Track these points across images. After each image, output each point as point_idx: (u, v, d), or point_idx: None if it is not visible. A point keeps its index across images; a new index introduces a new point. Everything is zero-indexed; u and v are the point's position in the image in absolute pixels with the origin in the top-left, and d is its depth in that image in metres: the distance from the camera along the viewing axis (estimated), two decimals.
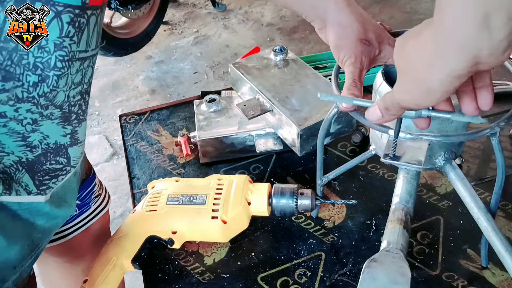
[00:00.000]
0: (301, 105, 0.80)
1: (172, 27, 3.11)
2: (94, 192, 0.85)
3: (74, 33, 0.49)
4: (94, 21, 0.51)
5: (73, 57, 0.51)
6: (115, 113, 2.43)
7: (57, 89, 0.51)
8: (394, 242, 0.57)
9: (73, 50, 0.50)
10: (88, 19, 0.50)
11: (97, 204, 0.87)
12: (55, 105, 0.53)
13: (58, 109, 0.53)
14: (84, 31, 0.50)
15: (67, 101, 0.53)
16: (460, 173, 0.60)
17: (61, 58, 0.50)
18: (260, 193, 0.69)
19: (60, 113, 0.54)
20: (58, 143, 0.56)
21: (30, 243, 0.58)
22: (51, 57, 0.49)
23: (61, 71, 0.50)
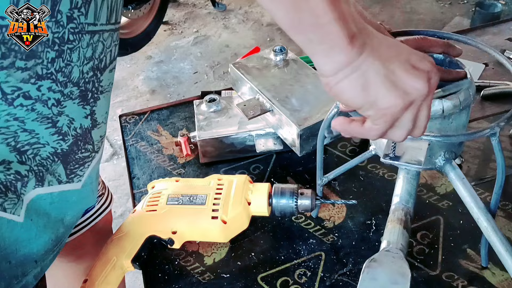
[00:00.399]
0: (301, 105, 0.80)
1: (172, 27, 3.12)
2: (98, 191, 0.86)
3: (81, 4, 0.49)
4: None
5: (82, 30, 0.51)
6: (115, 113, 2.43)
7: (71, 63, 0.52)
8: (394, 242, 0.57)
9: (81, 22, 0.50)
10: None
11: (100, 203, 0.87)
12: (72, 82, 0.53)
13: (76, 87, 0.54)
14: (91, 2, 0.50)
15: (82, 77, 0.54)
16: (460, 173, 0.60)
17: (72, 30, 0.50)
18: (260, 193, 0.69)
19: (78, 91, 0.54)
20: (83, 127, 0.57)
21: (54, 238, 0.58)
22: (65, 31, 0.49)
23: (73, 44, 0.51)
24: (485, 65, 1.04)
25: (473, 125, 0.88)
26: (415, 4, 3.15)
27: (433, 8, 3.14)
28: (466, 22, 2.91)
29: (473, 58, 1.05)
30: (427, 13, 3.08)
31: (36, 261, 0.56)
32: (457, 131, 0.58)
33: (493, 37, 1.14)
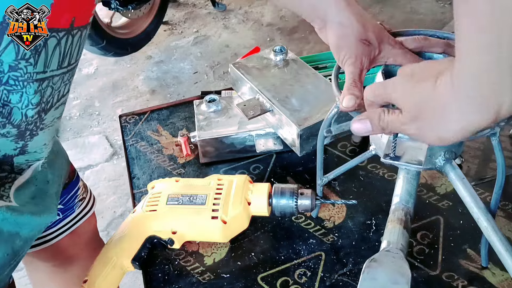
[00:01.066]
0: (301, 105, 0.80)
1: (172, 27, 3.11)
2: (78, 196, 0.86)
3: (30, 55, 0.49)
4: (55, 43, 0.51)
5: (30, 78, 0.51)
6: (115, 113, 2.43)
7: (9, 104, 0.52)
8: (394, 242, 0.57)
9: (29, 72, 0.51)
10: (45, 42, 0.50)
11: (81, 207, 0.87)
12: (12, 124, 0.53)
13: (16, 129, 0.54)
14: (42, 53, 0.50)
15: (25, 120, 0.54)
16: (460, 173, 0.60)
17: (15, 77, 0.50)
18: (260, 193, 0.69)
19: (16, 132, 0.55)
20: (6, 155, 0.57)
21: (10, 252, 0.57)
22: (4, 76, 0.50)
23: (12, 87, 0.51)
24: None
25: None
26: (415, 4, 3.15)
27: (433, 8, 3.14)
28: None
29: None
30: (427, 13, 3.07)
31: None
32: None
33: None
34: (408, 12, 3.06)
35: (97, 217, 2.01)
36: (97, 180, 2.10)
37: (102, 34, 2.36)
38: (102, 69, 2.79)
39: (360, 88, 0.56)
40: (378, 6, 3.12)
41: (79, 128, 2.40)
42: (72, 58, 0.56)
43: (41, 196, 0.64)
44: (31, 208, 0.60)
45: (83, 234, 0.89)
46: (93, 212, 0.91)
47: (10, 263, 0.59)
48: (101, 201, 1.99)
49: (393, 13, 3.06)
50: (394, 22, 2.93)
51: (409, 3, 3.15)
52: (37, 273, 0.96)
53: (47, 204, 0.64)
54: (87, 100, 2.57)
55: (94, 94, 2.61)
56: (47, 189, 0.66)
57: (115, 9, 2.42)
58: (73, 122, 2.44)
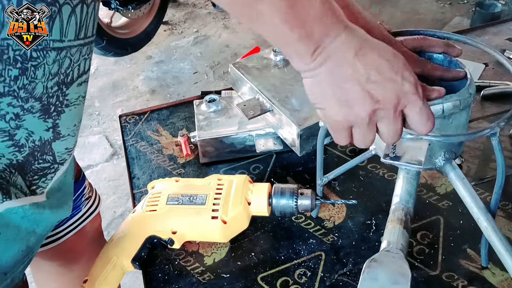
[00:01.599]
0: (301, 105, 0.80)
1: (172, 27, 3.11)
2: (85, 195, 0.86)
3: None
4: (69, 10, 0.51)
5: (47, 46, 0.50)
6: (115, 113, 2.43)
7: (36, 80, 0.51)
8: (394, 242, 0.57)
9: (45, 39, 0.50)
10: (59, 8, 0.49)
11: (87, 206, 0.87)
12: (34, 97, 0.52)
13: (38, 102, 0.53)
14: (56, 20, 0.50)
15: (45, 92, 0.53)
16: (460, 173, 0.60)
17: (35, 47, 0.49)
18: (260, 193, 0.69)
19: (39, 105, 0.53)
20: (42, 139, 0.56)
21: (24, 248, 0.57)
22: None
23: (37, 61, 0.50)
24: (485, 65, 1.04)
25: (473, 125, 0.88)
26: (415, 4, 3.15)
27: (433, 8, 3.14)
28: (466, 22, 2.91)
29: (473, 58, 1.05)
30: (427, 13, 3.08)
31: (6, 273, 0.56)
32: (457, 131, 0.58)
33: (493, 37, 1.14)
34: (408, 12, 3.06)
35: None
36: (97, 180, 2.10)
37: (102, 34, 2.36)
38: (102, 69, 2.79)
39: None
40: (378, 6, 3.12)
41: None
42: (88, 31, 0.55)
43: (64, 188, 0.63)
44: (53, 202, 0.60)
45: (88, 233, 0.89)
46: (98, 212, 0.91)
47: (24, 260, 0.59)
48: (101, 201, 1.99)
49: (393, 13, 3.06)
50: (394, 22, 2.93)
51: (409, 3, 3.15)
52: (41, 272, 0.95)
53: (66, 199, 0.64)
54: (87, 100, 2.55)
55: (94, 94, 2.61)
56: (70, 182, 0.65)
57: (115, 9, 2.42)
58: None
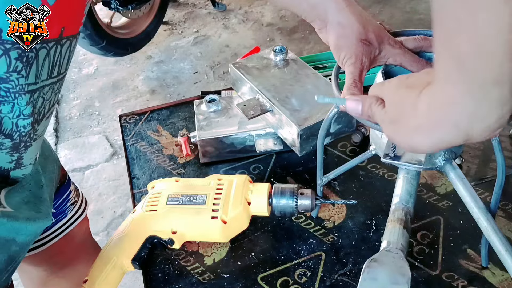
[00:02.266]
0: (301, 105, 0.80)
1: (172, 27, 3.11)
2: (70, 200, 0.85)
3: (22, 67, 0.49)
4: (45, 53, 0.51)
5: (21, 90, 0.51)
6: (115, 113, 2.43)
7: (1, 114, 0.52)
8: (394, 242, 0.57)
9: (20, 84, 0.50)
10: (36, 53, 0.50)
11: (73, 211, 0.87)
12: (4, 133, 0.53)
13: (9, 139, 0.54)
14: (33, 65, 0.50)
15: (16, 130, 0.54)
16: (460, 173, 0.60)
17: (6, 89, 0.50)
18: (260, 193, 0.69)
19: (10, 143, 0.54)
20: (2, 168, 0.57)
21: (6, 258, 0.57)
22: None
23: (3, 98, 0.51)
24: None
25: None
26: (415, 4, 3.15)
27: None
28: None
29: None
30: (427, 13, 3.06)
31: None
32: None
33: None
34: (408, 12, 3.06)
35: (97, 217, 2.01)
36: (97, 180, 2.10)
37: (102, 34, 2.36)
38: (102, 69, 2.79)
39: (360, 88, 0.56)
40: (378, 6, 3.12)
41: (79, 128, 2.40)
42: (62, 68, 0.56)
43: (35, 201, 0.63)
44: (26, 213, 0.60)
45: (76, 238, 0.89)
46: (85, 215, 0.91)
47: (8, 269, 0.59)
48: (101, 201, 1.99)
49: (393, 13, 3.06)
50: (394, 22, 2.93)
51: (409, 3, 3.15)
52: (28, 278, 0.95)
53: (42, 209, 0.64)
54: (87, 100, 2.57)
55: (94, 94, 2.61)
56: (41, 194, 0.65)
57: (115, 9, 2.42)
58: (73, 122, 2.44)
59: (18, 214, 0.58)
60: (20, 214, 0.59)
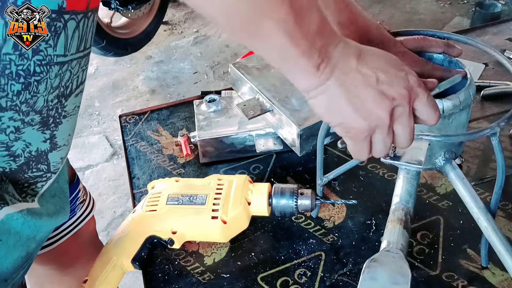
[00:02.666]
0: (301, 105, 0.80)
1: (172, 27, 3.11)
2: (79, 198, 0.85)
3: (50, 36, 0.49)
4: (74, 25, 0.51)
5: (50, 61, 0.51)
6: (115, 113, 2.43)
7: (38, 95, 0.52)
8: (394, 242, 0.57)
9: (49, 54, 0.50)
10: (65, 24, 0.50)
11: (82, 209, 0.87)
12: (35, 110, 0.53)
13: (38, 115, 0.53)
14: (61, 35, 0.50)
15: (46, 105, 0.54)
16: (460, 173, 0.60)
17: (39, 62, 0.50)
18: (260, 193, 0.69)
19: (39, 118, 0.54)
20: (39, 150, 0.57)
21: (24, 255, 0.57)
22: (30, 63, 0.49)
23: (40, 76, 0.50)
24: (485, 65, 1.04)
25: (473, 125, 0.88)
26: (415, 4, 3.15)
27: (433, 8, 3.14)
28: (466, 22, 2.91)
29: (473, 58, 1.05)
30: (427, 13, 3.07)
31: (6, 279, 0.56)
32: (457, 131, 0.58)
33: (493, 37, 1.14)
34: (408, 12, 3.06)
35: (97, 217, 2.01)
36: (97, 180, 2.10)
37: (102, 34, 2.37)
38: (102, 69, 2.79)
39: None
40: (378, 6, 3.12)
41: (79, 128, 2.40)
42: (88, 42, 0.55)
43: (60, 194, 0.63)
44: (49, 208, 0.60)
45: (83, 236, 0.89)
46: (93, 215, 0.91)
47: (23, 266, 0.59)
48: (101, 201, 1.99)
49: (393, 13, 3.06)
50: (394, 22, 2.93)
51: (409, 3, 3.15)
52: (36, 277, 0.95)
53: (63, 204, 0.64)
54: (87, 100, 2.57)
55: (94, 94, 2.61)
56: (66, 189, 0.65)
57: (115, 9, 2.42)
58: None
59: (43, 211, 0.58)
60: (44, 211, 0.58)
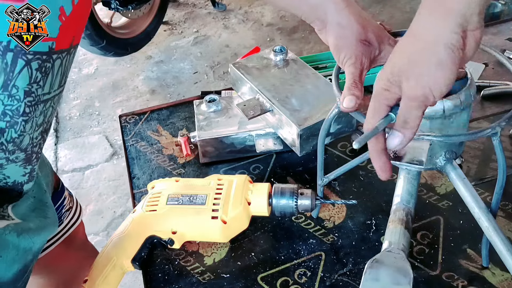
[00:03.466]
0: (301, 105, 0.80)
1: (172, 27, 3.11)
2: (65, 206, 0.85)
3: (40, 78, 0.50)
4: (59, 63, 0.52)
5: (38, 101, 0.51)
6: (115, 113, 2.43)
7: (24, 134, 0.52)
8: (396, 243, 0.57)
9: (38, 94, 0.51)
10: (53, 63, 0.51)
11: (69, 217, 0.86)
12: (21, 149, 0.53)
13: (23, 152, 0.54)
14: (49, 75, 0.51)
15: (31, 143, 0.54)
16: (461, 173, 0.60)
17: (29, 103, 0.50)
18: (260, 193, 0.69)
19: (24, 155, 0.54)
20: (16, 182, 0.57)
21: (22, 267, 0.57)
22: (20, 105, 0.50)
23: (28, 116, 0.51)
24: (485, 65, 1.04)
25: (473, 125, 0.88)
26: (415, 4, 3.14)
27: None
28: None
29: (473, 58, 1.05)
30: None
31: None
32: (458, 131, 0.58)
33: (493, 37, 1.13)
34: (408, 12, 3.05)
35: (97, 217, 2.01)
36: (97, 180, 2.10)
37: (102, 34, 2.36)
38: (102, 69, 2.79)
39: (360, 89, 0.56)
40: (378, 6, 3.12)
41: (79, 128, 2.40)
42: (66, 76, 0.56)
43: (41, 207, 0.63)
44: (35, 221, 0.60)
45: (72, 243, 0.88)
46: (80, 220, 0.90)
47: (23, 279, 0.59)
48: (101, 201, 1.99)
49: (393, 13, 3.05)
50: (394, 22, 2.93)
51: (409, 3, 3.14)
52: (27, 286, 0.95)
53: (49, 215, 0.64)
54: (87, 100, 2.57)
55: (94, 94, 2.61)
56: (46, 199, 0.65)
57: (115, 9, 2.42)
58: (73, 122, 2.44)
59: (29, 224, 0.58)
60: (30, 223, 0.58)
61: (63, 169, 2.17)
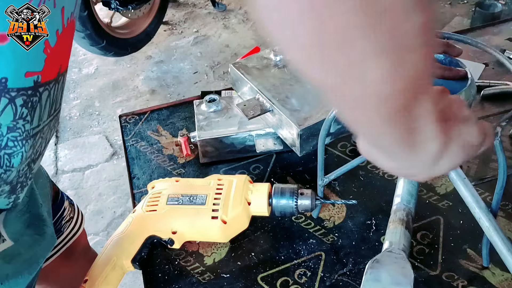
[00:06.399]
0: (301, 105, 0.80)
1: (172, 27, 3.11)
2: (65, 217, 0.84)
3: (27, 113, 0.49)
4: (47, 95, 0.51)
5: (27, 136, 0.50)
6: (115, 113, 2.43)
7: (12, 169, 0.51)
8: (396, 243, 0.57)
9: (26, 130, 0.50)
10: (40, 96, 0.49)
11: (69, 228, 0.86)
12: (6, 182, 0.52)
13: (8, 185, 0.53)
14: (37, 108, 0.50)
15: (17, 175, 0.53)
16: (461, 173, 0.60)
17: (14, 138, 0.49)
18: (260, 193, 0.69)
19: (9, 188, 0.53)
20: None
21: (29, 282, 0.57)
22: (3, 139, 0.48)
23: (12, 150, 0.50)
24: (485, 65, 1.04)
25: None
26: None
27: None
28: (466, 22, 2.91)
29: (473, 58, 1.05)
30: None
31: None
32: None
33: (493, 37, 1.13)
34: None
35: (97, 217, 2.01)
36: (97, 180, 2.10)
37: (102, 34, 2.37)
38: (102, 69, 2.79)
39: None
40: None
41: (79, 128, 2.40)
42: (58, 103, 0.55)
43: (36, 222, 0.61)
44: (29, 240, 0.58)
45: (74, 252, 0.88)
46: (82, 229, 0.90)
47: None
48: (101, 201, 1.99)
49: None
50: None
51: None
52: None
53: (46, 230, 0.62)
54: (87, 100, 2.57)
55: (94, 94, 2.61)
56: (42, 212, 0.63)
57: (115, 9, 2.42)
58: (73, 122, 2.44)
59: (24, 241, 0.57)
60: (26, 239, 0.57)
61: (63, 169, 2.18)
